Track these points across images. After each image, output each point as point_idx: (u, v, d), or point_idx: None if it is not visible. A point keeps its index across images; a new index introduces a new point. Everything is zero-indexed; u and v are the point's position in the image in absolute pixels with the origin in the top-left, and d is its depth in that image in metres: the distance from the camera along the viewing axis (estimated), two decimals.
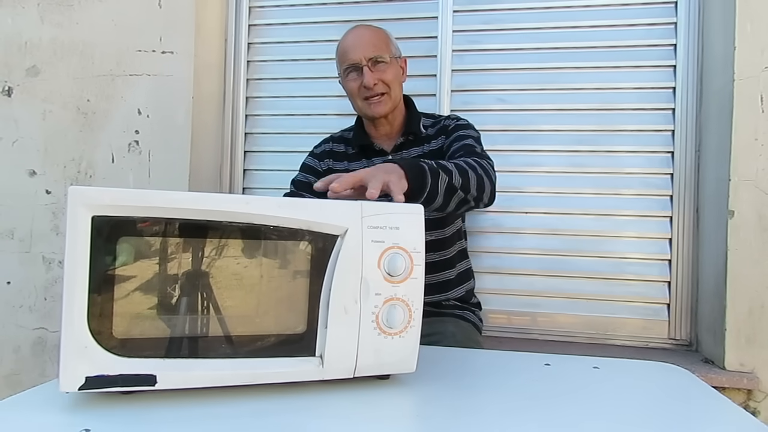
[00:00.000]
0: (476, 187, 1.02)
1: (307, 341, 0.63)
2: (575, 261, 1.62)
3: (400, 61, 1.34)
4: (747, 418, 0.61)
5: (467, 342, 1.20)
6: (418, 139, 1.33)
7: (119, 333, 0.57)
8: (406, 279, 0.66)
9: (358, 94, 1.28)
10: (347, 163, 1.35)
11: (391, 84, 1.27)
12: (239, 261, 0.62)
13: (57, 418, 0.55)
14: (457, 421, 0.57)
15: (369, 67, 1.25)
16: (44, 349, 1.73)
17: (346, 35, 1.32)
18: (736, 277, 1.37)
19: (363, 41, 1.27)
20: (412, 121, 1.34)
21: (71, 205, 0.55)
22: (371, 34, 1.29)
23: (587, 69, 1.63)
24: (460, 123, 1.32)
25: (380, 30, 1.32)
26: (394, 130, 1.35)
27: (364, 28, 1.32)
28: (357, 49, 1.26)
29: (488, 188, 1.07)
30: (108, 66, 1.72)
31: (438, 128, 1.33)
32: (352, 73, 1.28)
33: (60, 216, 1.73)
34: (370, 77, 1.24)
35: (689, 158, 1.56)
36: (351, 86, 1.29)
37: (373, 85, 1.24)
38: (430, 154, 1.30)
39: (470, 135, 1.26)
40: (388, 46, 1.29)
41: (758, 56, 1.37)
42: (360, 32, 1.30)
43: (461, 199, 1.00)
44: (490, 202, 1.10)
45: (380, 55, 1.26)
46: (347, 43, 1.29)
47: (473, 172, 1.03)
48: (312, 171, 1.36)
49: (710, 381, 1.13)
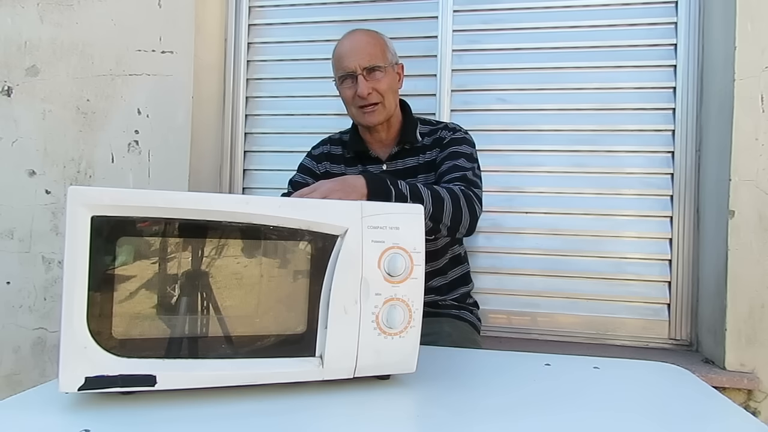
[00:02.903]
0: (450, 217, 1.04)
1: (307, 341, 0.63)
2: (575, 261, 1.62)
3: (396, 67, 1.31)
4: (747, 418, 0.61)
5: (464, 342, 1.20)
6: (414, 148, 1.31)
7: (119, 333, 0.57)
8: (406, 279, 0.65)
9: (352, 102, 1.27)
10: (344, 166, 1.34)
11: (385, 93, 1.25)
12: (239, 261, 0.62)
13: (57, 419, 0.55)
14: (457, 421, 0.57)
15: (364, 76, 1.23)
16: (44, 350, 1.73)
17: (343, 40, 1.30)
18: (736, 277, 1.37)
19: (359, 48, 1.25)
20: (407, 130, 1.32)
21: (71, 205, 0.55)
22: (368, 41, 1.27)
23: (587, 69, 1.63)
24: (456, 137, 1.29)
25: (377, 36, 1.30)
26: (390, 137, 1.34)
27: (361, 33, 1.30)
28: (352, 57, 1.24)
29: (466, 220, 1.07)
30: (108, 66, 1.72)
31: (434, 138, 1.31)
32: (347, 81, 1.26)
33: (60, 216, 1.73)
34: (364, 87, 1.22)
35: (689, 158, 1.56)
36: (346, 94, 1.28)
37: (367, 94, 1.23)
38: (425, 165, 1.29)
39: (463, 153, 1.24)
40: (384, 54, 1.27)
41: (759, 56, 1.37)
42: (357, 38, 1.28)
43: (429, 228, 1.00)
44: (469, 233, 1.12)
45: (376, 63, 1.24)
46: (343, 50, 1.27)
47: (452, 202, 1.04)
48: (309, 172, 1.36)
49: (710, 381, 1.12)
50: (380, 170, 1.31)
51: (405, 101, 1.38)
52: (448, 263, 1.32)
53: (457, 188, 1.09)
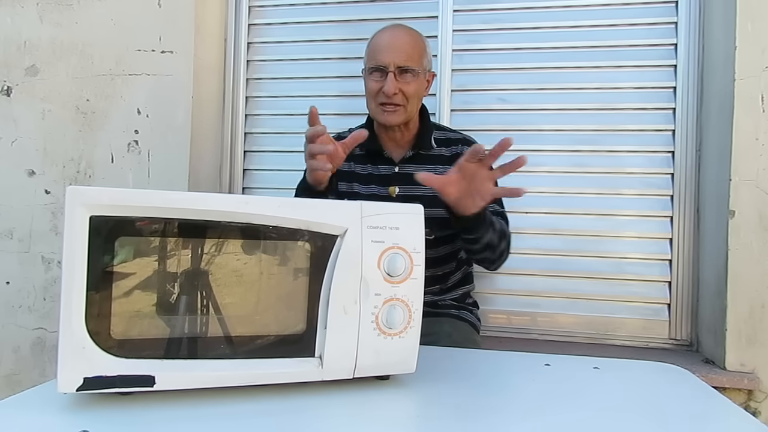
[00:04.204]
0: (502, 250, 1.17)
1: (306, 341, 0.63)
2: (575, 261, 1.62)
3: (428, 75, 1.28)
4: (747, 418, 0.60)
5: (464, 342, 1.20)
6: (429, 155, 1.28)
7: (117, 333, 0.57)
8: (406, 279, 0.65)
9: (375, 96, 1.23)
10: (353, 163, 1.29)
11: (410, 98, 1.21)
12: (238, 259, 0.61)
13: (55, 419, 0.55)
14: (457, 421, 0.57)
15: (395, 75, 1.19)
16: (43, 350, 1.73)
17: (384, 32, 1.25)
18: (736, 277, 1.36)
19: (398, 46, 1.21)
20: (423, 135, 1.29)
21: (70, 205, 0.55)
22: (408, 41, 1.22)
23: (588, 69, 1.63)
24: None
25: (419, 38, 1.25)
26: (405, 140, 1.30)
27: (404, 30, 1.25)
28: (389, 52, 1.20)
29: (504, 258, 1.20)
30: (107, 66, 1.72)
31: (455, 154, 1.26)
32: (376, 74, 1.22)
33: (59, 216, 1.73)
34: (392, 85, 1.18)
35: (690, 158, 1.56)
36: (371, 86, 1.23)
37: (392, 94, 1.19)
38: None
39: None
40: (421, 58, 1.23)
41: (759, 56, 1.36)
42: (398, 35, 1.24)
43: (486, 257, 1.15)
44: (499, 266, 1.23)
45: (410, 65, 1.20)
46: (382, 42, 1.23)
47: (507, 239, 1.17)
48: None
49: (710, 381, 1.12)
50: (392, 172, 1.28)
51: (424, 105, 1.34)
52: (448, 271, 1.31)
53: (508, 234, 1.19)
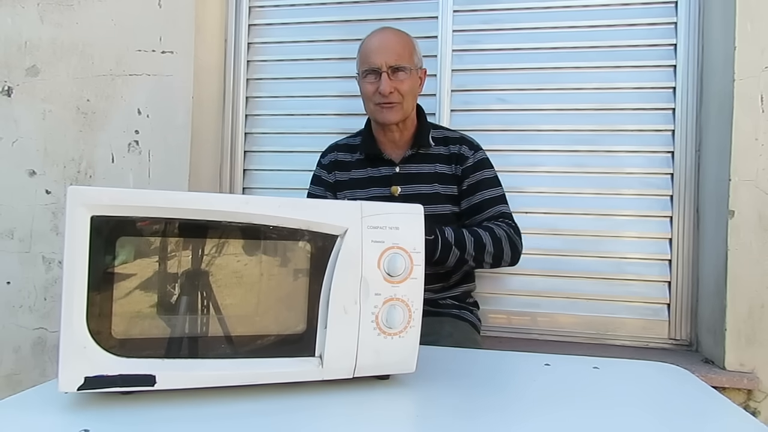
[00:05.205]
0: (492, 255, 1.20)
1: (306, 341, 0.63)
2: (575, 261, 1.62)
3: (420, 72, 1.33)
4: (747, 418, 0.60)
5: (465, 342, 1.20)
6: (428, 154, 1.32)
7: (118, 333, 0.57)
8: (406, 279, 0.65)
9: (371, 98, 1.28)
10: (352, 171, 1.35)
11: (405, 95, 1.26)
12: (239, 259, 0.62)
13: (56, 419, 0.55)
14: (457, 421, 0.57)
15: (388, 74, 1.24)
16: (44, 349, 1.73)
17: (372, 36, 1.31)
18: (736, 277, 1.37)
19: (387, 46, 1.26)
20: (421, 133, 1.33)
21: (70, 205, 0.55)
22: (397, 41, 1.28)
23: (587, 69, 1.63)
24: (479, 159, 1.31)
25: (407, 37, 1.31)
26: (403, 139, 1.34)
27: (391, 32, 1.31)
28: (380, 54, 1.25)
29: (507, 256, 1.22)
30: (108, 66, 1.72)
31: (453, 153, 1.32)
32: (370, 76, 1.27)
33: (60, 216, 1.73)
34: (387, 85, 1.23)
35: (689, 158, 1.56)
36: (367, 88, 1.28)
37: (388, 93, 1.24)
38: (438, 176, 1.30)
39: (491, 180, 1.30)
40: (411, 56, 1.28)
41: (758, 56, 1.37)
42: (387, 36, 1.29)
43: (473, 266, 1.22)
44: (513, 264, 1.27)
45: (402, 64, 1.25)
46: (372, 45, 1.28)
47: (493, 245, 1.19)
48: (323, 183, 1.38)
49: (710, 381, 1.12)
50: (393, 172, 1.32)
51: (420, 105, 1.38)
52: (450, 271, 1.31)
53: (501, 230, 1.22)
